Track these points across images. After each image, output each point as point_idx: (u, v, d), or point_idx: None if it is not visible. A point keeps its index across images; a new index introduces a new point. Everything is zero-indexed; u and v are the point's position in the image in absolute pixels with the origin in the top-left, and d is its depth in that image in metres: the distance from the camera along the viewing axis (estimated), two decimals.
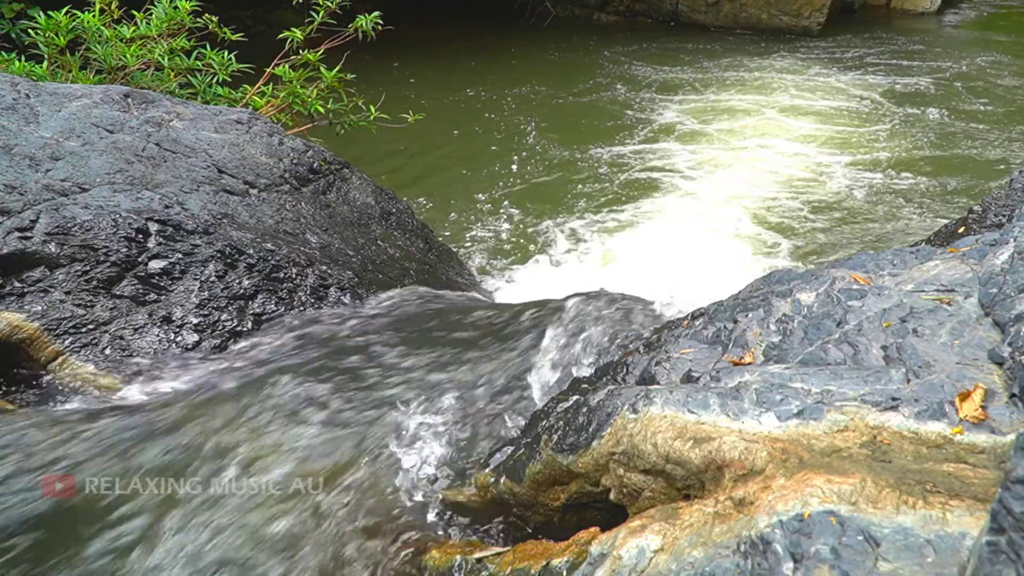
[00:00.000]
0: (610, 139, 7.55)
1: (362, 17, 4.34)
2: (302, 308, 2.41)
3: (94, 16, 3.91)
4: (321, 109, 4.31)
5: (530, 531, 1.53)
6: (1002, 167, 6.68)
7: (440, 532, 1.54)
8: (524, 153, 7.15)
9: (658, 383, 1.54)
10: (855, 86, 9.40)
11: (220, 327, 2.26)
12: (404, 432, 1.79)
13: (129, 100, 2.94)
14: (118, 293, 2.21)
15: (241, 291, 2.35)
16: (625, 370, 1.73)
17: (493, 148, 7.34)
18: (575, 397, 1.67)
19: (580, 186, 6.36)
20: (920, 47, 11.57)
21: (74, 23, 3.86)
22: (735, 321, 1.62)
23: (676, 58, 10.80)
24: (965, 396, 1.16)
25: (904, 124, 7.95)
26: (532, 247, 5.25)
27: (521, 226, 5.58)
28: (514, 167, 6.79)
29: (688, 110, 8.49)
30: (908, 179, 6.45)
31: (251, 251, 2.44)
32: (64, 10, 3.84)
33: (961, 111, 8.32)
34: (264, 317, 2.34)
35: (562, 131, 7.76)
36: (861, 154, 7.07)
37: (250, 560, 1.45)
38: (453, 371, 2.05)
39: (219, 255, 2.37)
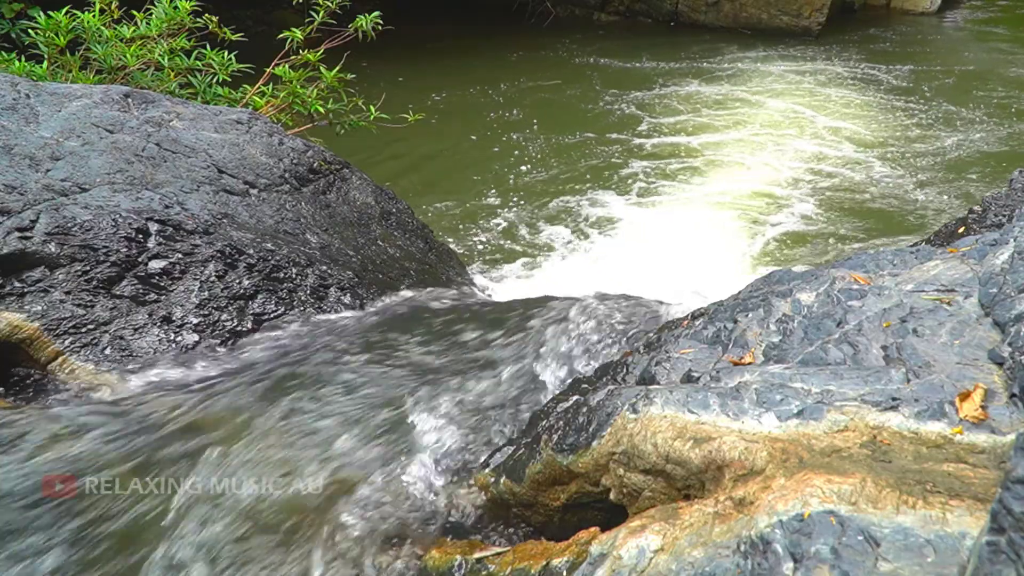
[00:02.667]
0: (611, 138, 7.55)
1: (362, 17, 4.34)
2: (302, 308, 2.41)
3: (94, 16, 3.91)
4: (321, 109, 4.31)
5: (530, 531, 1.53)
6: (1003, 166, 6.68)
7: (440, 532, 1.54)
8: (525, 153, 7.15)
9: (658, 383, 1.54)
10: (855, 85, 9.40)
11: (220, 327, 2.26)
12: (404, 432, 1.79)
13: (129, 100, 2.94)
14: (118, 293, 2.21)
15: (241, 291, 2.35)
16: (625, 370, 1.73)
17: (494, 149, 7.34)
18: (575, 397, 1.67)
19: (581, 185, 6.37)
20: (920, 47, 11.58)
21: (74, 23, 3.86)
22: (735, 321, 1.62)
23: (676, 58, 10.80)
24: (965, 396, 1.16)
25: (904, 123, 7.95)
26: (533, 247, 5.26)
27: (522, 226, 5.58)
28: (515, 167, 6.79)
29: (687, 110, 8.49)
30: (908, 178, 6.45)
31: (251, 251, 2.44)
32: (64, 10, 3.84)
33: (962, 110, 8.32)
34: (264, 317, 2.34)
35: (563, 131, 7.77)
36: (861, 153, 7.07)
37: (249, 560, 1.45)
38: (453, 371, 2.05)
39: (219, 255, 2.37)
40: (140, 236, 2.31)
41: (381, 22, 4.37)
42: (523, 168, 6.75)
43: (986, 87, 9.29)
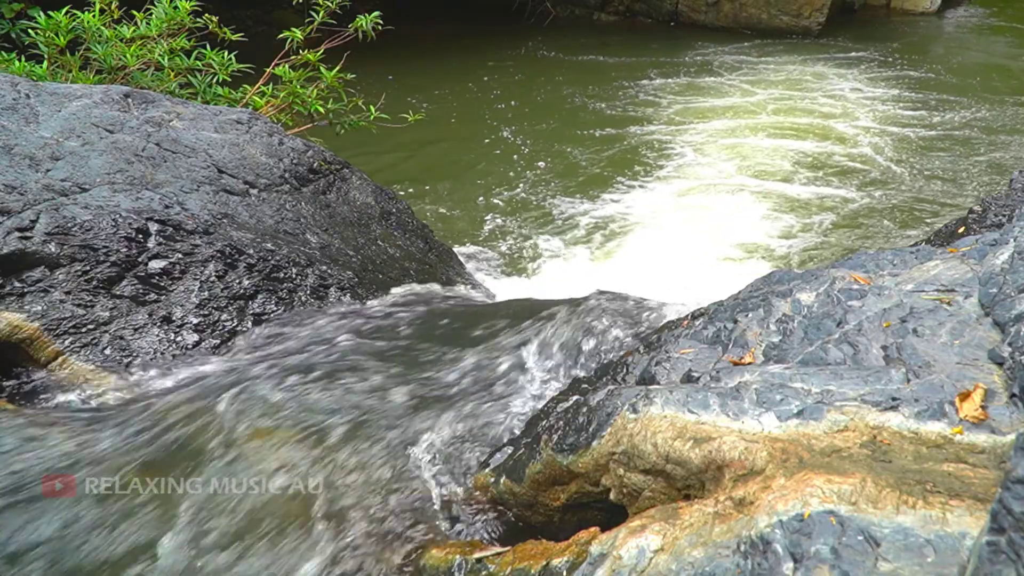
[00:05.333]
0: (612, 138, 7.55)
1: (362, 17, 4.34)
2: (302, 308, 2.41)
3: (94, 16, 3.92)
4: (321, 109, 4.31)
5: (530, 531, 1.53)
6: (1002, 166, 6.68)
7: (440, 532, 1.54)
8: (526, 152, 7.15)
9: (658, 383, 1.54)
10: (854, 85, 9.40)
11: (220, 327, 2.26)
12: (405, 432, 1.79)
13: (129, 100, 2.94)
14: (118, 293, 2.21)
15: (241, 291, 2.35)
16: (625, 370, 1.73)
17: (495, 151, 7.34)
18: (575, 397, 1.67)
19: (583, 185, 6.37)
20: (920, 47, 11.58)
21: (74, 23, 3.86)
22: (735, 321, 1.62)
23: (675, 58, 10.81)
24: (965, 396, 1.16)
25: (904, 123, 7.95)
26: (534, 246, 5.26)
27: (523, 225, 5.58)
28: (516, 166, 6.79)
29: (687, 108, 8.49)
30: (908, 178, 6.45)
31: (251, 251, 2.44)
32: (64, 10, 3.85)
33: (961, 111, 8.32)
34: (264, 317, 2.34)
35: (564, 130, 7.77)
36: (860, 153, 7.07)
37: (249, 561, 1.45)
38: (454, 371, 2.05)
39: (219, 255, 2.37)
40: (140, 236, 2.31)
41: (381, 22, 4.37)
42: (524, 167, 6.76)
43: (988, 85, 9.30)
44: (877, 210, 5.85)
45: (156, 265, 2.28)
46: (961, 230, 2.68)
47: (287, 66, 4.27)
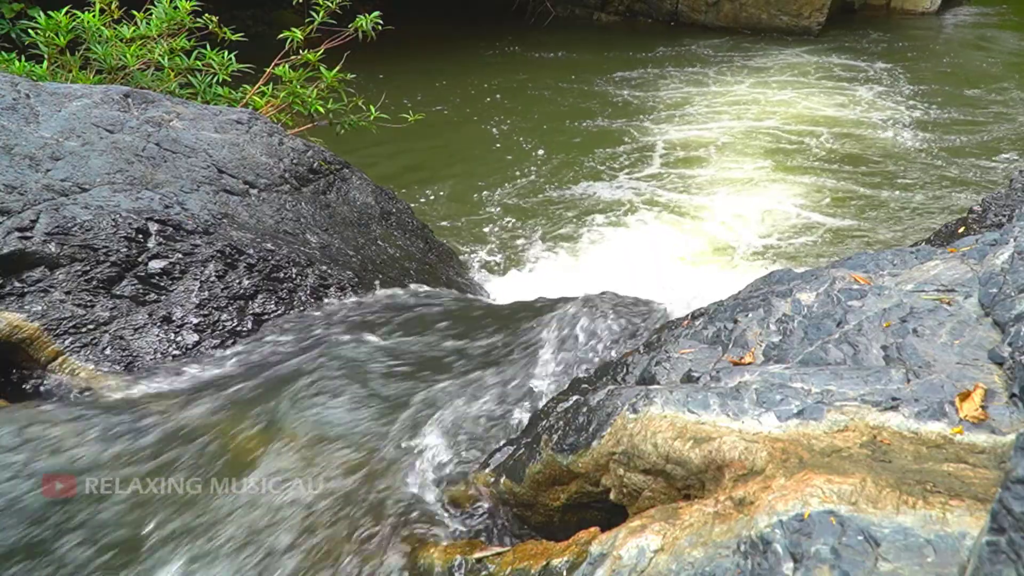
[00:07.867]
0: (613, 138, 7.55)
1: (362, 17, 4.35)
2: (302, 308, 2.41)
3: (94, 16, 3.92)
4: (321, 109, 4.31)
5: (530, 531, 1.53)
6: (1002, 167, 6.68)
7: (440, 532, 1.54)
8: (526, 153, 7.15)
9: (658, 383, 1.54)
10: (854, 86, 9.40)
11: (220, 327, 2.26)
12: (405, 432, 1.79)
13: (129, 100, 2.94)
14: (118, 293, 2.21)
15: (241, 291, 2.35)
16: (625, 370, 1.73)
17: (495, 152, 7.34)
18: (575, 397, 1.67)
19: (584, 185, 6.37)
20: (920, 47, 11.58)
21: (74, 23, 3.86)
22: (735, 321, 1.62)
23: (675, 58, 10.81)
24: (965, 396, 1.16)
25: (904, 124, 7.94)
26: (532, 247, 5.25)
27: (521, 226, 5.58)
28: (514, 167, 6.79)
29: (687, 107, 8.49)
30: (908, 179, 6.45)
31: (251, 251, 2.44)
32: (64, 10, 3.85)
33: (961, 111, 8.32)
34: (264, 317, 2.34)
35: (564, 131, 7.77)
36: (859, 154, 7.06)
37: (249, 561, 1.45)
38: (454, 371, 2.05)
39: (219, 255, 2.37)
40: (140, 236, 2.31)
41: (381, 22, 4.37)
42: (525, 168, 6.75)
43: (990, 84, 9.29)
44: (875, 211, 5.85)
45: (156, 265, 2.28)
46: (961, 230, 2.68)
47: (287, 66, 4.27)
